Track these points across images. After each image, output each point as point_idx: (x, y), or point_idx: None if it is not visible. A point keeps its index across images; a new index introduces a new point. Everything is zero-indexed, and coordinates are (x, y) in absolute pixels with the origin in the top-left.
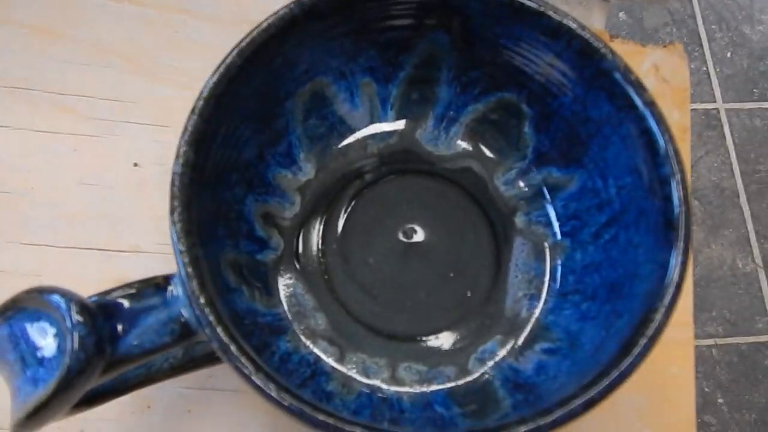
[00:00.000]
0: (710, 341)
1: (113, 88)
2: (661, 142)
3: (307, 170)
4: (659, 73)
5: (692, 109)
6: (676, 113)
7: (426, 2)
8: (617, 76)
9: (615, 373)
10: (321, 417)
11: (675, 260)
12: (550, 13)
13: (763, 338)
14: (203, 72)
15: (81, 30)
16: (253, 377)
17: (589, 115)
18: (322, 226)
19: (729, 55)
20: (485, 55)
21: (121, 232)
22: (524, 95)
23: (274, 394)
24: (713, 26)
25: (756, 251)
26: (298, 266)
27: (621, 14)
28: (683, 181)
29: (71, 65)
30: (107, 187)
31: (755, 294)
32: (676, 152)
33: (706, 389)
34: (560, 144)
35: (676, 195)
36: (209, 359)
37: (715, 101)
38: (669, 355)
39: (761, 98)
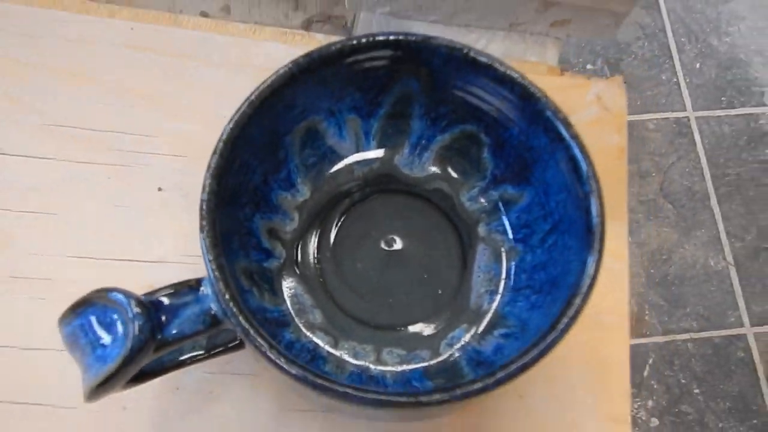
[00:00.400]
0: (686, 336)
1: (138, 124)
2: (584, 166)
3: (304, 192)
4: (601, 102)
5: (664, 118)
6: (616, 137)
7: (398, 57)
8: (549, 114)
9: (543, 345)
10: (320, 381)
11: (592, 258)
12: (497, 65)
13: (735, 331)
14: (214, 109)
15: (109, 75)
16: (268, 353)
17: (531, 145)
18: (317, 238)
19: (698, 66)
20: (448, 96)
21: (150, 246)
22: (482, 127)
23: (284, 365)
24: (683, 39)
25: (727, 250)
26: (297, 271)
27: None
28: (600, 197)
29: (102, 105)
30: (137, 209)
31: (727, 290)
32: (595, 174)
33: (683, 381)
34: (512, 167)
35: (594, 208)
36: (228, 348)
37: (685, 110)
38: (608, 338)
39: (729, 106)
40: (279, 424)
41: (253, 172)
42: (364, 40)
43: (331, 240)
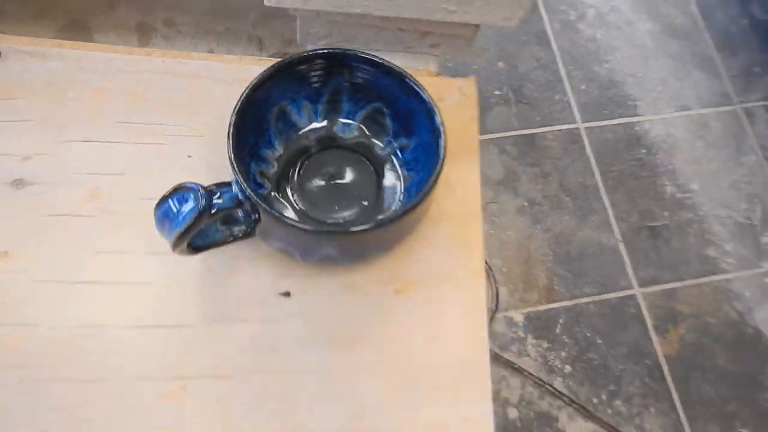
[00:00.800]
0: (588, 299)
1: (174, 119)
2: (437, 117)
3: (279, 149)
4: (461, 91)
5: (559, 130)
6: (470, 111)
7: (329, 63)
8: (416, 87)
9: (414, 202)
10: (299, 225)
11: (439, 162)
12: (388, 63)
13: (626, 293)
14: (221, 105)
15: (154, 93)
16: (270, 211)
17: (411, 109)
18: (289, 177)
19: (584, 87)
20: (362, 85)
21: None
22: (383, 103)
23: (280, 217)
24: (570, 66)
25: (616, 230)
26: (279, 196)
27: (500, 63)
28: (444, 132)
29: (150, 111)
30: (177, 169)
31: (618, 261)
32: (442, 120)
33: (588, 334)
34: (404, 125)
35: (441, 139)
36: (243, 236)
37: (576, 122)
38: (461, 201)
39: (609, 117)
40: (273, 284)
41: (249, 136)
42: (308, 53)
43: (296, 177)
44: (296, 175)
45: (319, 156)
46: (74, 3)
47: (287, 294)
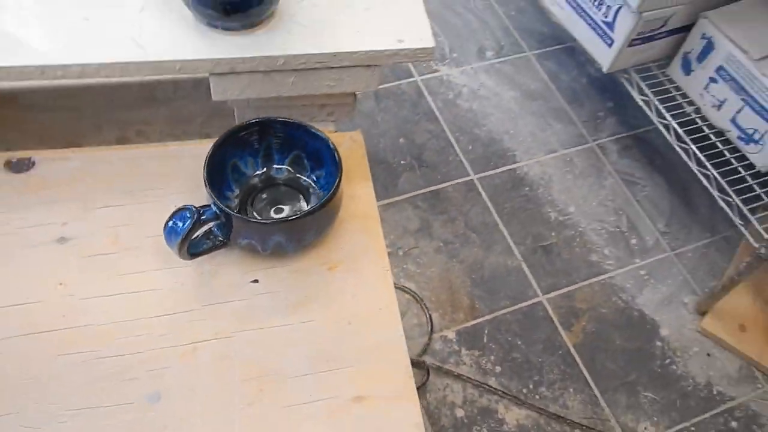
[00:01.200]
0: (505, 311)
1: (152, 179)
2: (336, 154)
3: (236, 191)
4: (352, 138)
5: (456, 183)
6: (360, 150)
7: (262, 128)
8: (323, 137)
9: (323, 201)
10: (258, 220)
11: (337, 177)
12: (303, 123)
13: (534, 301)
14: (189, 177)
15: (147, 168)
16: (238, 215)
17: (320, 150)
18: (246, 207)
19: (470, 147)
20: (286, 140)
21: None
22: (301, 150)
23: (245, 218)
24: (457, 133)
25: (516, 253)
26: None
27: (401, 139)
28: (340, 162)
29: (148, 175)
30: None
31: (523, 277)
32: (339, 156)
33: (509, 339)
34: (316, 162)
35: (338, 170)
36: (219, 246)
37: (470, 175)
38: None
39: (495, 167)
40: (245, 275)
41: (215, 184)
42: (245, 123)
43: (249, 207)
44: (249, 205)
45: (263, 191)
46: (70, 130)
47: (256, 281)
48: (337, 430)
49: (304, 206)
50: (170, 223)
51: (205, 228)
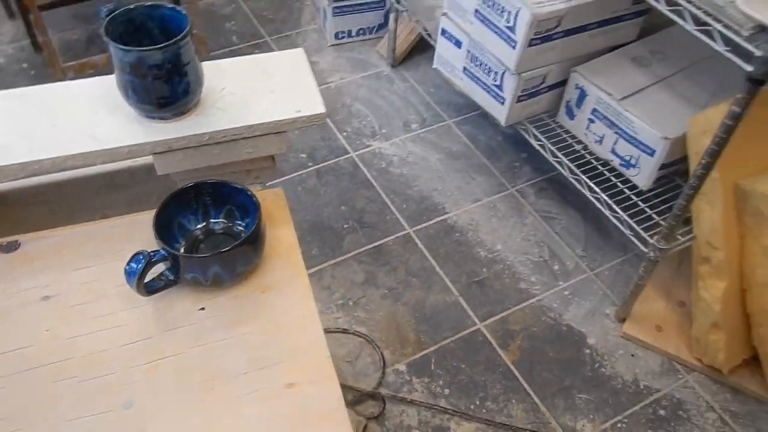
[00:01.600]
0: (448, 340)
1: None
2: (255, 202)
3: (182, 243)
4: (274, 194)
5: (395, 237)
6: (280, 203)
7: (197, 191)
8: (248, 193)
9: (244, 239)
10: (200, 255)
11: (257, 218)
12: (231, 183)
13: (473, 329)
14: (139, 243)
15: (111, 232)
16: (184, 254)
17: (246, 205)
18: (190, 252)
19: (405, 206)
20: (220, 198)
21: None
22: (232, 205)
23: (192, 256)
24: (392, 196)
25: (453, 290)
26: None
27: (342, 207)
28: (259, 207)
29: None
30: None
31: (461, 310)
32: (260, 206)
33: (454, 363)
34: (244, 213)
35: (258, 212)
36: (170, 284)
37: (406, 229)
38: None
39: (428, 220)
40: (194, 305)
41: (163, 237)
42: (182, 188)
43: (193, 253)
44: (194, 252)
45: (204, 241)
46: (48, 219)
47: (203, 308)
48: (273, 409)
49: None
50: (128, 266)
51: (159, 268)
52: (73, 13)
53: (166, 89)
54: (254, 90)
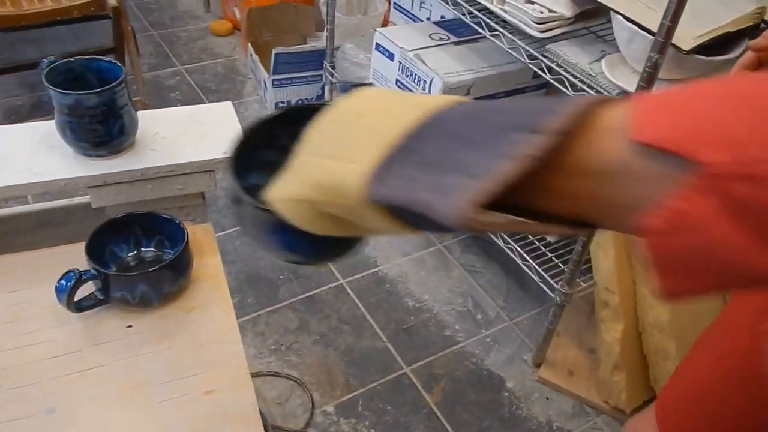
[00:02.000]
0: (375, 383)
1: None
2: (184, 230)
3: (113, 269)
4: (204, 228)
5: (328, 287)
6: (207, 237)
7: (129, 222)
8: (178, 222)
9: (166, 262)
10: (127, 274)
11: (185, 243)
12: (160, 214)
13: (400, 372)
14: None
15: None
16: (112, 273)
17: (176, 233)
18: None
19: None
20: (151, 229)
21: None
22: (162, 235)
23: (115, 273)
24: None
25: (382, 336)
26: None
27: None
28: (186, 234)
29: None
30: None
31: (390, 355)
32: (186, 230)
33: (380, 405)
34: (174, 242)
35: (185, 238)
36: (99, 303)
37: (339, 281)
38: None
39: (360, 272)
40: (122, 322)
41: (95, 261)
42: (114, 218)
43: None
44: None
45: (134, 267)
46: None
47: (130, 326)
48: (192, 413)
49: None
50: (58, 283)
51: (90, 288)
52: (19, 80)
53: (101, 129)
54: (185, 134)
